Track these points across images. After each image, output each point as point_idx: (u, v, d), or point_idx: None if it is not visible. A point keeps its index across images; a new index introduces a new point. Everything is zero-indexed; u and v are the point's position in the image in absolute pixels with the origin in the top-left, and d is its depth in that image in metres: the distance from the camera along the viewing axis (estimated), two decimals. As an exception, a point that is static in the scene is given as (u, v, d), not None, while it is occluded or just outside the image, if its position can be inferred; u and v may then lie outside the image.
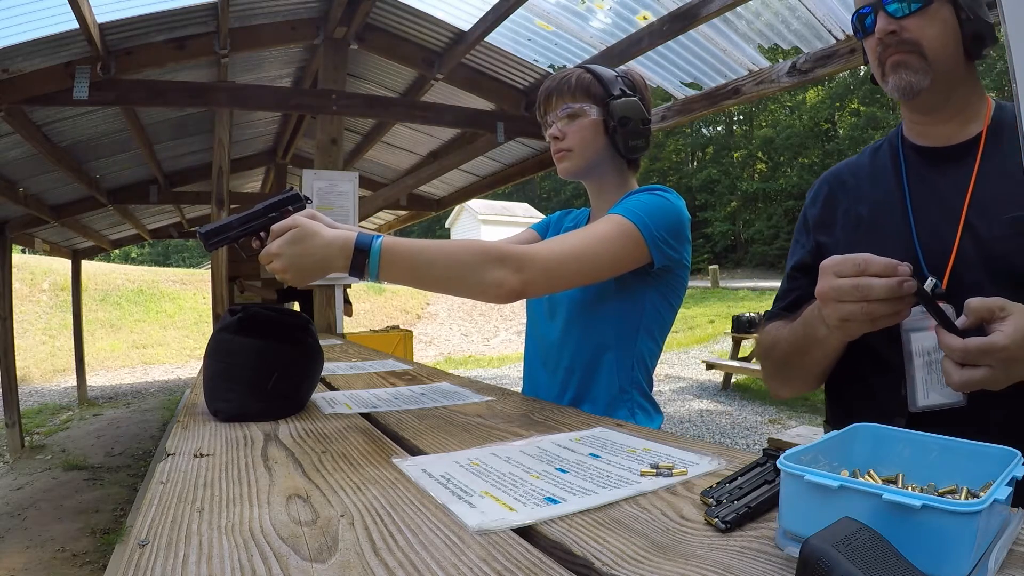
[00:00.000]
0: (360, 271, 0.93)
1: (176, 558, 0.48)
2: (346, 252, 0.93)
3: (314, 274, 0.95)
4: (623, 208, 1.11)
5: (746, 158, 30.84)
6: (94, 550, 3.71)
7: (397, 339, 5.88)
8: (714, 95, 3.58)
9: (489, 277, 0.96)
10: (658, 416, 1.22)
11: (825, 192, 1.05)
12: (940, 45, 0.86)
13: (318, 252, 0.93)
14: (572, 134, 1.20)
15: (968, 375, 0.68)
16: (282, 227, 0.95)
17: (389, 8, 3.95)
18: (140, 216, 7.98)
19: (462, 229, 28.07)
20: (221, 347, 1.05)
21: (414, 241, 0.97)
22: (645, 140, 1.22)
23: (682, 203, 1.18)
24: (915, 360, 0.78)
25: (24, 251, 13.46)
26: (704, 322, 13.03)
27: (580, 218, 1.38)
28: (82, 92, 3.13)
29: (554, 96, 1.22)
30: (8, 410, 6.10)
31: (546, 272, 1.01)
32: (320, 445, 0.84)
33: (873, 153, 1.03)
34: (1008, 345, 0.66)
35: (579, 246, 1.05)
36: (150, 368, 12.75)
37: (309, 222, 0.95)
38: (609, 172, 1.26)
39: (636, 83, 1.24)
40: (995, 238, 0.82)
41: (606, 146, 1.22)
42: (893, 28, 0.86)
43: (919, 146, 0.95)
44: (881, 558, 0.36)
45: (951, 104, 0.90)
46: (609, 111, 1.18)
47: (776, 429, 5.86)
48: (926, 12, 0.85)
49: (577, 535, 0.52)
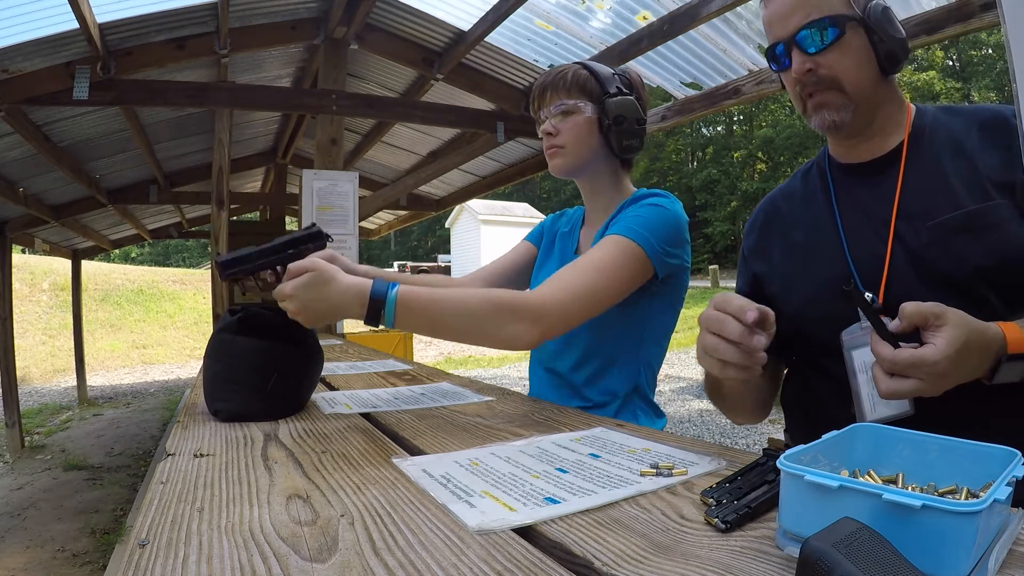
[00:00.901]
0: (376, 319, 0.93)
1: (176, 558, 0.48)
2: (361, 300, 0.92)
3: (327, 318, 0.95)
4: (623, 227, 1.09)
5: (746, 158, 30.82)
6: (94, 550, 3.71)
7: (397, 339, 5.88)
8: (714, 95, 3.57)
9: (506, 332, 0.95)
10: (660, 419, 1.22)
11: (761, 221, 1.06)
12: (857, 75, 0.86)
13: (333, 298, 0.92)
14: (565, 131, 1.18)
15: (896, 385, 0.68)
16: (299, 268, 0.94)
17: (389, 8, 3.95)
18: (140, 216, 7.98)
19: (462, 229, 28.07)
20: (221, 347, 1.05)
21: (430, 292, 0.95)
22: (640, 140, 1.20)
23: (679, 206, 1.17)
24: (858, 376, 0.78)
25: (24, 251, 13.47)
26: (704, 322, 13.01)
27: (575, 220, 1.36)
28: (82, 92, 3.13)
29: (548, 91, 1.20)
30: (8, 410, 6.10)
31: (562, 318, 0.99)
32: (320, 445, 0.84)
33: (804, 176, 1.03)
34: (939, 360, 0.65)
35: (589, 281, 1.02)
36: (150, 368, 12.75)
37: (327, 267, 0.94)
38: (602, 171, 1.24)
39: (633, 82, 1.22)
40: (923, 245, 0.82)
41: (600, 145, 1.20)
42: (810, 66, 0.86)
43: (844, 164, 0.95)
44: (881, 558, 0.36)
45: (874, 124, 0.90)
46: (604, 109, 1.17)
47: (776, 429, 5.86)
48: (839, 44, 0.85)
49: (577, 535, 0.52)
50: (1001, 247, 0.78)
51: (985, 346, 0.69)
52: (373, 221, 9.21)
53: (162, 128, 5.05)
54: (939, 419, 0.73)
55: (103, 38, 3.12)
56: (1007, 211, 0.79)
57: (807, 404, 0.98)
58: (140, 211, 7.60)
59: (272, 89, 4.56)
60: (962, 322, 0.67)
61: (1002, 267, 0.78)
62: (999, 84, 23.42)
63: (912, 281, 0.82)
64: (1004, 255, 0.78)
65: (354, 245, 3.71)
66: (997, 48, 23.03)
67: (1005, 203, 0.79)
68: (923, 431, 0.55)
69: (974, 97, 23.78)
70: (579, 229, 1.34)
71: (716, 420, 6.42)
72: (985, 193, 0.81)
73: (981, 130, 0.85)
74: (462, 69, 4.33)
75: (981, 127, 0.85)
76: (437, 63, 4.27)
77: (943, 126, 0.89)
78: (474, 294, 0.99)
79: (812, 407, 0.97)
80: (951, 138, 0.87)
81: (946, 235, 0.81)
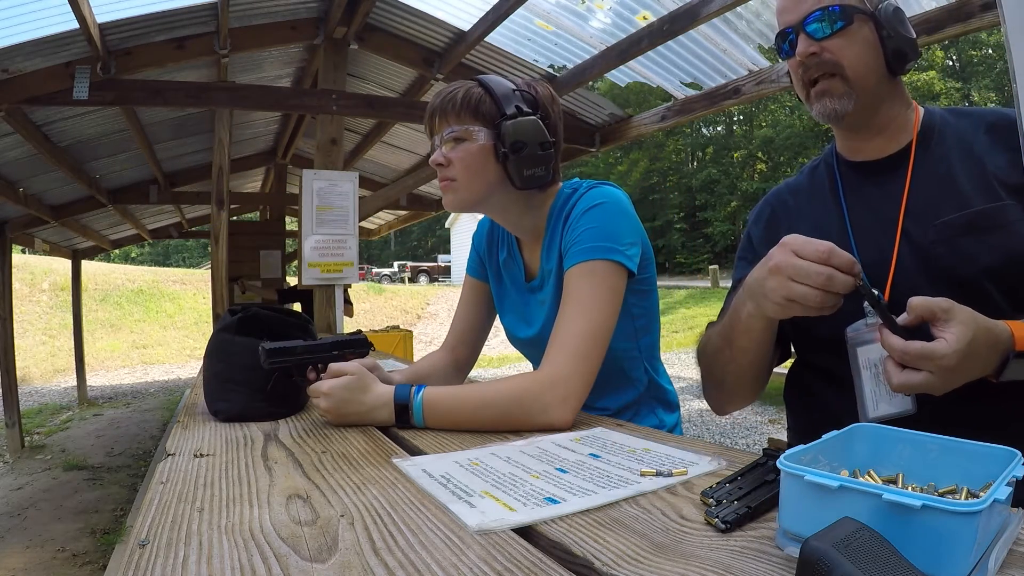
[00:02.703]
0: (407, 422, 0.95)
1: (176, 558, 0.48)
2: (389, 408, 0.95)
3: (354, 420, 0.97)
4: (584, 249, 1.02)
5: (746, 158, 30.81)
6: (94, 550, 3.71)
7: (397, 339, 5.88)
8: (714, 95, 3.58)
9: (539, 421, 0.93)
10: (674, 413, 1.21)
11: (768, 213, 1.06)
12: (861, 65, 0.87)
13: (366, 405, 0.96)
14: (456, 160, 1.05)
15: (907, 378, 0.68)
16: (341, 369, 0.97)
17: (389, 8, 3.95)
18: (140, 216, 7.98)
19: (462, 229, 28.07)
20: (221, 347, 1.05)
21: (453, 394, 0.95)
22: (545, 167, 1.06)
23: (616, 190, 1.10)
24: (863, 373, 0.78)
25: (24, 251, 13.46)
26: (704, 322, 12.90)
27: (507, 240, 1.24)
28: (82, 92, 3.13)
29: (437, 116, 1.07)
30: (8, 410, 6.10)
31: (584, 380, 0.96)
32: (320, 445, 0.84)
33: (811, 172, 1.04)
34: (948, 354, 0.65)
35: (588, 330, 0.98)
36: (150, 368, 12.75)
37: (367, 375, 0.97)
38: (509, 203, 1.12)
39: (540, 98, 1.08)
40: (930, 243, 0.83)
41: (497, 175, 1.06)
42: (814, 50, 0.87)
43: (852, 162, 0.96)
44: (881, 558, 0.36)
45: (878, 120, 0.91)
46: (500, 135, 1.03)
47: (776, 429, 5.86)
48: (846, 32, 0.86)
49: (577, 535, 0.52)
50: (1008, 247, 0.79)
51: (993, 343, 0.69)
52: (373, 221, 9.21)
53: (162, 128, 5.05)
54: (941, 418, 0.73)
55: (103, 38, 3.12)
56: (1015, 212, 0.80)
57: (810, 403, 0.98)
58: (140, 211, 7.61)
59: (272, 89, 4.56)
60: (970, 318, 0.67)
61: (1008, 267, 0.79)
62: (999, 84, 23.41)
63: (919, 279, 0.83)
64: (1011, 255, 0.79)
65: (354, 245, 3.70)
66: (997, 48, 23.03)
67: (1013, 204, 0.80)
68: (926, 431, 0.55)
69: (974, 97, 23.78)
70: (518, 252, 1.23)
71: (716, 420, 6.42)
72: (993, 193, 0.82)
73: (989, 132, 0.86)
74: (462, 69, 4.33)
75: (989, 129, 0.86)
76: (437, 63, 4.27)
77: (951, 127, 0.90)
78: (496, 389, 0.96)
79: (815, 406, 0.97)
80: (960, 139, 0.88)
81: (953, 234, 0.82)
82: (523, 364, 11.42)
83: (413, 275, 27.78)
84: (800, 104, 1.02)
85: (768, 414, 6.57)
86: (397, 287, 22.14)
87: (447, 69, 4.24)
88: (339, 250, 3.60)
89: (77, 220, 6.60)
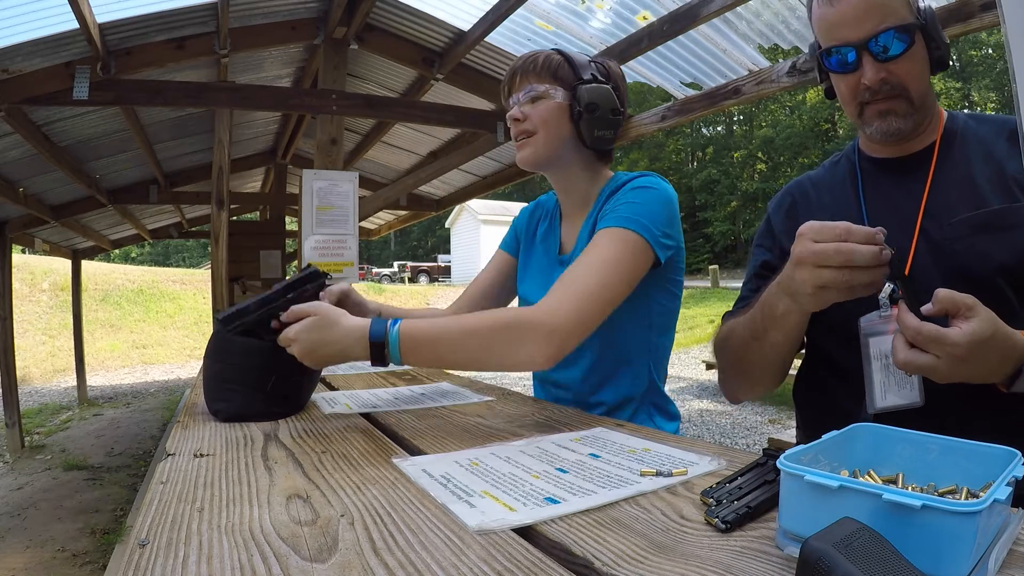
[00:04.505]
0: (382, 361, 0.92)
1: (176, 558, 0.48)
2: (363, 344, 0.91)
3: (334, 361, 0.95)
4: (618, 217, 1.04)
5: (746, 158, 30.81)
6: (94, 550, 3.71)
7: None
8: (714, 95, 3.57)
9: (521, 355, 0.90)
10: (674, 422, 1.19)
11: (788, 203, 1.06)
12: (921, 84, 0.87)
13: (338, 343, 0.92)
14: (534, 116, 1.12)
15: (913, 357, 0.68)
16: (301, 311, 0.93)
17: (389, 8, 3.95)
18: (140, 216, 7.98)
19: (462, 229, 28.07)
20: (221, 347, 1.05)
21: (432, 323, 0.92)
22: (613, 132, 1.14)
23: (666, 184, 1.13)
24: (873, 363, 0.78)
25: (24, 251, 13.47)
26: (704, 322, 13.01)
27: (552, 214, 1.29)
28: (82, 92, 3.13)
29: (519, 76, 1.14)
30: (8, 410, 6.10)
31: (576, 328, 0.93)
32: (320, 445, 0.84)
33: (832, 166, 1.05)
34: (960, 343, 0.65)
35: (594, 283, 0.96)
36: (150, 368, 12.75)
37: (329, 310, 0.93)
38: (574, 163, 1.18)
39: (612, 72, 1.17)
40: (947, 240, 0.84)
41: (571, 134, 1.13)
42: (883, 75, 0.85)
43: (874, 158, 0.97)
44: (881, 558, 0.36)
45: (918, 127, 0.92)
46: (576, 96, 1.11)
47: (776, 429, 5.86)
48: (910, 53, 0.85)
49: (577, 535, 0.52)
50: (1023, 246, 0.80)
51: (1008, 350, 0.70)
52: (373, 221, 9.21)
53: (162, 128, 5.05)
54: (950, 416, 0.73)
55: (103, 38, 3.12)
56: None
57: (819, 399, 0.99)
58: (140, 211, 7.61)
59: (272, 89, 4.56)
60: (991, 319, 0.68)
61: (1023, 266, 0.80)
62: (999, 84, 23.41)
63: (934, 276, 0.83)
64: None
65: (354, 245, 3.71)
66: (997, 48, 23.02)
67: None
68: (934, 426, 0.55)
69: (974, 97, 23.79)
70: (559, 226, 1.27)
71: (716, 420, 6.43)
72: (1011, 195, 0.83)
73: (1010, 138, 0.87)
74: (462, 69, 4.34)
75: (1010, 136, 0.88)
76: (437, 63, 4.27)
77: (973, 132, 0.91)
78: (479, 317, 0.95)
79: (824, 402, 0.97)
80: (980, 143, 0.89)
81: (969, 231, 0.83)
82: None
83: (413, 275, 27.79)
84: (800, 104, 1.02)
85: (768, 414, 6.57)
86: (397, 287, 22.16)
87: (447, 69, 4.24)
88: (339, 250, 3.61)
89: (77, 220, 6.60)
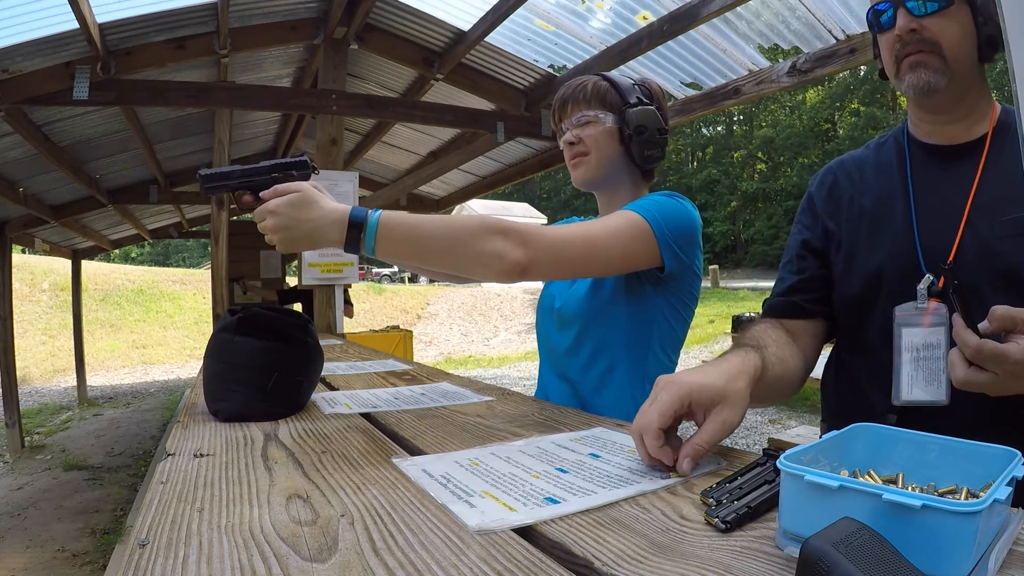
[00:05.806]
0: (356, 245, 0.91)
1: (176, 558, 0.48)
2: (341, 226, 0.91)
3: (303, 243, 0.94)
4: (637, 205, 1.10)
5: (746, 158, 30.83)
6: (94, 550, 3.71)
7: (397, 339, 5.88)
8: (714, 95, 3.57)
9: (490, 247, 0.92)
10: None
11: (831, 181, 1.05)
12: (958, 46, 0.86)
13: (314, 222, 0.92)
14: (587, 139, 1.20)
15: (972, 375, 0.68)
16: (285, 188, 0.94)
17: (389, 8, 3.95)
18: (140, 216, 7.98)
19: (462, 229, 27.97)
20: (221, 347, 1.05)
21: (413, 216, 0.94)
22: (661, 150, 1.21)
23: (696, 212, 1.17)
24: (903, 355, 0.78)
25: (24, 251, 13.46)
26: (704, 322, 13.02)
27: None
28: (82, 92, 3.13)
29: (569, 104, 1.22)
30: (8, 410, 6.10)
31: (552, 251, 0.97)
32: (320, 445, 0.84)
33: (878, 148, 1.03)
34: (1021, 360, 0.66)
35: (590, 233, 1.03)
36: (150, 368, 12.75)
37: (313, 190, 0.94)
38: (623, 182, 1.25)
39: (654, 92, 1.24)
40: (995, 237, 0.83)
41: (621, 155, 1.21)
42: (914, 26, 0.86)
43: (925, 143, 0.95)
44: (881, 558, 0.36)
45: (962, 105, 0.90)
46: (625, 119, 1.18)
47: (776, 429, 5.86)
48: (946, 12, 0.85)
49: (577, 535, 0.52)
50: None
51: None
52: (373, 221, 9.19)
53: (162, 128, 5.05)
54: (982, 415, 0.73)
55: (103, 38, 3.12)
56: None
57: (845, 389, 0.98)
58: (140, 211, 7.61)
59: (272, 89, 4.56)
60: None
61: None
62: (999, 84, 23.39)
63: (977, 271, 0.82)
64: None
65: (354, 245, 3.71)
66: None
67: None
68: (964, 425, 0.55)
69: (974, 97, 23.75)
70: None
71: (716, 420, 6.41)
72: None
73: None
74: (462, 69, 4.33)
75: None
76: (437, 63, 4.27)
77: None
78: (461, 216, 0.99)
79: (850, 392, 0.97)
80: None
81: (1019, 231, 0.82)
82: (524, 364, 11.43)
83: (413, 275, 27.76)
84: (800, 104, 1.02)
85: (768, 414, 6.57)
86: (397, 287, 22.15)
87: (447, 69, 4.24)
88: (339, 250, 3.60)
89: (77, 220, 6.60)
